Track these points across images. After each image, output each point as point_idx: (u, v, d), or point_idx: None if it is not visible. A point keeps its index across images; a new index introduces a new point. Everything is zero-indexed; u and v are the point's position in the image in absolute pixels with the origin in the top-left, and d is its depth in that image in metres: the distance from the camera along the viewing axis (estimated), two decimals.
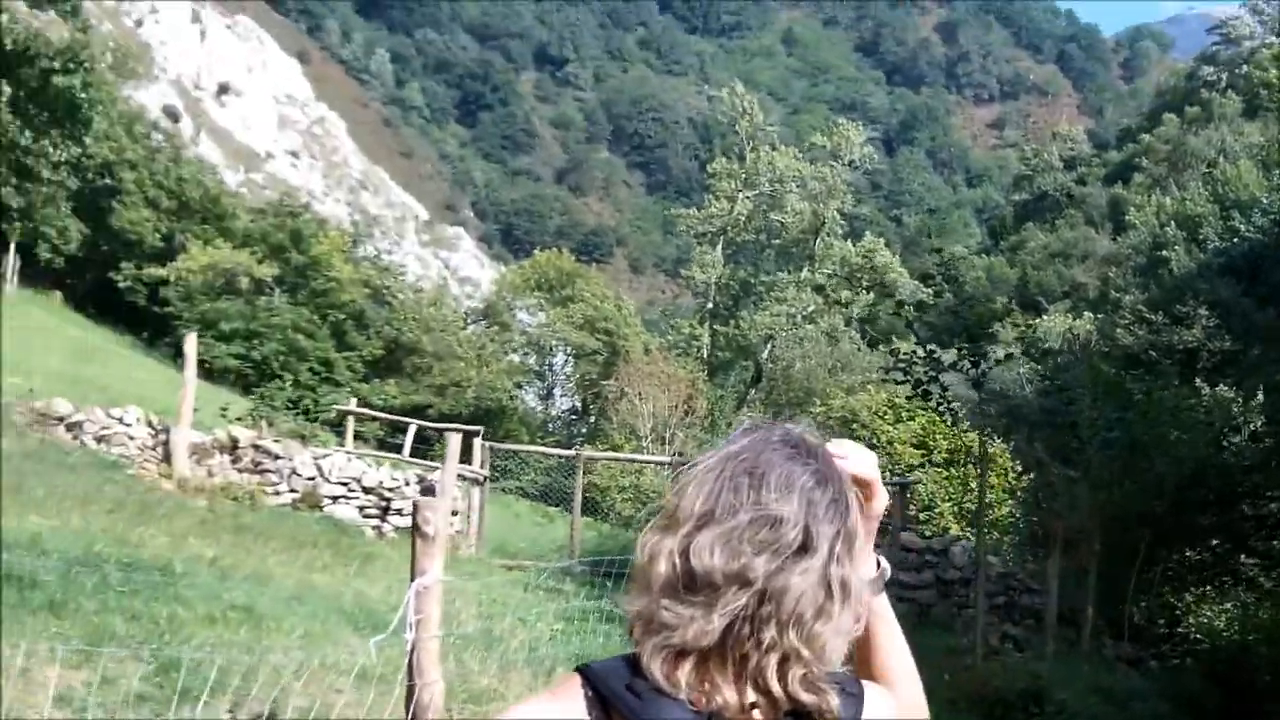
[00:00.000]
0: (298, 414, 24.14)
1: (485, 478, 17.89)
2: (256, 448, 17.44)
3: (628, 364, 46.96)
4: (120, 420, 17.64)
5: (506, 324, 55.20)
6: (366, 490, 17.15)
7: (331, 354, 44.51)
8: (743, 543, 1.65)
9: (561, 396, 56.95)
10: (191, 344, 17.70)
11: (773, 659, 1.63)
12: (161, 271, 45.71)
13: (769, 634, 1.63)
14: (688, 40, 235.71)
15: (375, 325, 47.84)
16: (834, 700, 1.68)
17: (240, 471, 17.32)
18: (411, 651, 6.76)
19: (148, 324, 46.82)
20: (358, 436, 29.51)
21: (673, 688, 1.62)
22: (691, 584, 1.64)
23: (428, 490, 16.68)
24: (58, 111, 36.99)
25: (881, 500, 1.98)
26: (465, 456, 17.88)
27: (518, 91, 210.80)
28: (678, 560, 1.66)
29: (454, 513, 16.95)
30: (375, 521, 17.01)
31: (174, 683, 7.33)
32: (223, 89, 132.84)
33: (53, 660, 7.12)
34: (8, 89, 33.68)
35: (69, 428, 17.53)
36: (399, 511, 16.88)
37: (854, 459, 1.91)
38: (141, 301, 46.89)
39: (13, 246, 39.33)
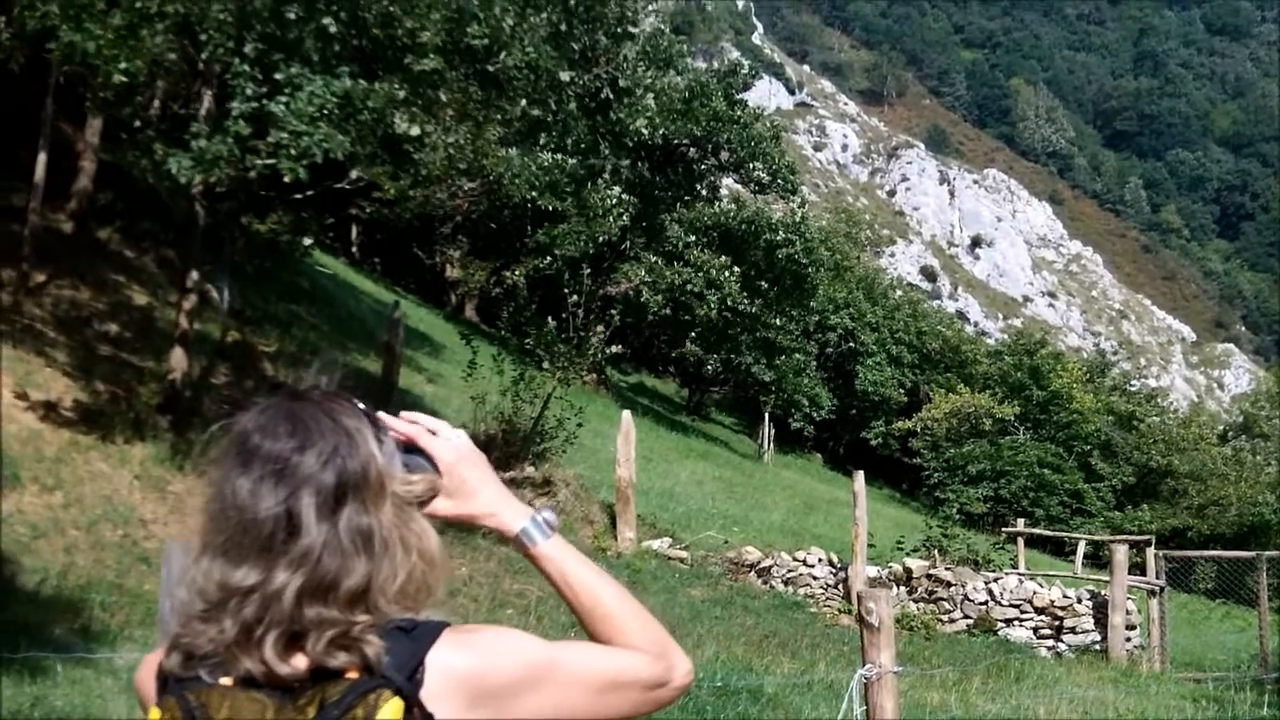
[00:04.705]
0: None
1: (1161, 588, 16.67)
2: (930, 577, 17.52)
3: None
4: (804, 562, 18.44)
5: (1266, 434, 51.20)
6: (1039, 611, 16.63)
7: (1080, 485, 43.75)
8: (232, 555, 1.63)
9: None
10: (859, 482, 18.22)
11: (272, 636, 1.60)
12: (908, 424, 47.61)
13: (274, 616, 1.61)
14: None
15: (1123, 452, 46.31)
16: (372, 650, 1.62)
17: (915, 601, 17.45)
18: None
19: (904, 475, 48.66)
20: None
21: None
22: (205, 608, 1.64)
23: (1100, 606, 15.88)
24: (785, 281, 39.77)
25: (447, 451, 1.86)
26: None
27: None
28: (187, 586, 1.67)
29: (1131, 627, 15.97)
30: (1049, 642, 16.41)
31: None
32: (975, 242, 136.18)
33: None
34: (737, 269, 36.73)
35: (759, 573, 18.56)
36: (1072, 630, 16.22)
37: (404, 428, 1.85)
38: (894, 454, 48.93)
39: (767, 417, 42.35)
